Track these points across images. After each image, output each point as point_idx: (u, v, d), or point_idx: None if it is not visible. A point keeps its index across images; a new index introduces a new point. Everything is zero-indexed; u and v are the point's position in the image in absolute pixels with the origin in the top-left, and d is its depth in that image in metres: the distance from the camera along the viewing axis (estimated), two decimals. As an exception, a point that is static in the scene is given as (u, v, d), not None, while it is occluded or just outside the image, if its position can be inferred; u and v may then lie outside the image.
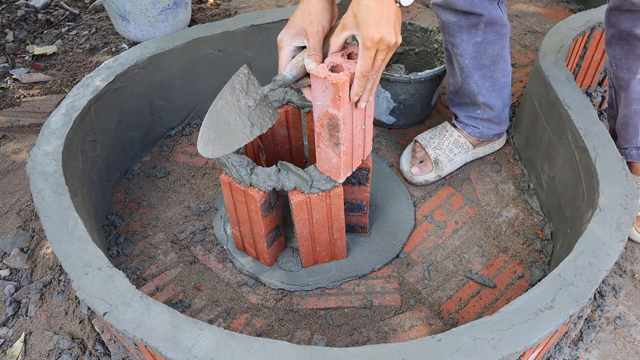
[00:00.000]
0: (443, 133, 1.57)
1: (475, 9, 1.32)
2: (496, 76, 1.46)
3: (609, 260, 1.03)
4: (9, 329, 1.26)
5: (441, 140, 1.55)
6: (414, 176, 1.54)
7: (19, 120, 1.80)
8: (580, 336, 1.23)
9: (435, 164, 1.53)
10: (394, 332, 1.24)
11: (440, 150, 1.54)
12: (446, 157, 1.54)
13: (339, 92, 0.96)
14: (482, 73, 1.45)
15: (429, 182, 1.55)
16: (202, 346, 0.90)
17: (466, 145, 1.56)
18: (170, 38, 1.58)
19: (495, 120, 1.54)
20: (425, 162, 1.55)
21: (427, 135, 1.58)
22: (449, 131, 1.57)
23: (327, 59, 0.99)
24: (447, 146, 1.55)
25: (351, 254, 1.37)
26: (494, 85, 1.47)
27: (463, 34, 1.38)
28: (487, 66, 1.44)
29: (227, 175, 1.18)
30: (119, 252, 1.39)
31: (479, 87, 1.47)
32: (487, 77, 1.45)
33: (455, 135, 1.56)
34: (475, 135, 1.55)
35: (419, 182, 1.54)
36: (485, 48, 1.40)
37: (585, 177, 1.24)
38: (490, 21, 1.36)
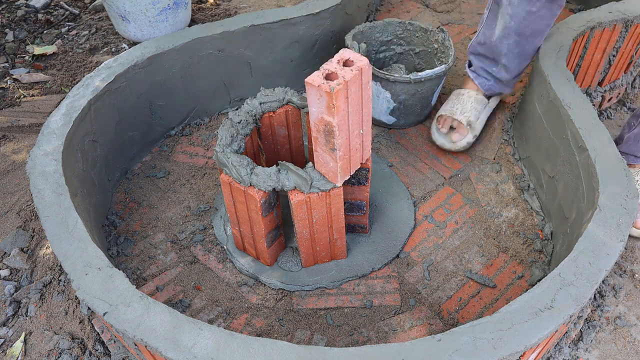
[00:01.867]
0: (461, 98, 1.64)
1: None
2: (528, 47, 1.52)
3: (609, 260, 1.03)
4: (9, 329, 1.26)
5: (463, 104, 1.63)
6: (458, 143, 1.61)
7: (19, 120, 1.80)
8: (580, 336, 1.23)
9: (469, 126, 1.60)
10: (394, 332, 1.24)
11: (468, 113, 1.61)
12: (475, 117, 1.62)
13: (333, 100, 0.96)
14: (519, 40, 1.50)
15: (470, 145, 1.62)
16: (202, 346, 0.90)
17: (484, 100, 1.65)
18: (170, 38, 1.58)
19: (504, 82, 1.62)
20: (458, 128, 1.61)
21: (447, 106, 1.65)
22: (466, 94, 1.64)
23: (323, 66, 1.00)
24: (472, 106, 1.62)
25: (351, 254, 1.37)
26: (522, 53, 1.53)
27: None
28: (526, 36, 1.49)
29: (227, 175, 1.18)
30: (119, 252, 1.39)
31: (509, 50, 1.53)
32: (520, 45, 1.51)
33: (473, 94, 1.64)
34: (484, 87, 1.64)
35: (462, 147, 1.62)
36: (534, 20, 1.45)
37: (585, 177, 1.24)
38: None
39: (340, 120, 1.02)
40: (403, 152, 1.66)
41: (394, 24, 1.73)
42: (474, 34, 2.13)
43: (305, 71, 1.84)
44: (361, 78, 1.03)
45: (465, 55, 2.03)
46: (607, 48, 1.68)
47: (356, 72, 1.00)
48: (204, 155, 1.66)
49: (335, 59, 1.02)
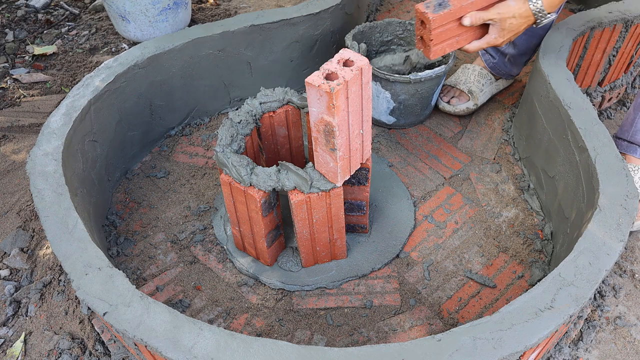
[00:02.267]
0: (465, 71, 1.72)
1: None
2: (538, 32, 1.57)
3: (609, 260, 1.03)
4: (9, 329, 1.27)
5: (467, 76, 1.70)
6: (456, 105, 1.67)
7: (19, 120, 1.80)
8: (580, 336, 1.23)
9: (470, 94, 1.66)
10: (394, 332, 1.24)
11: (470, 83, 1.68)
12: (477, 88, 1.67)
13: (333, 100, 0.97)
14: None
15: (470, 110, 1.70)
16: (202, 346, 0.90)
17: (489, 76, 1.70)
18: (170, 38, 1.58)
19: (511, 60, 1.66)
20: (460, 95, 1.67)
21: (452, 77, 1.73)
22: (471, 68, 1.71)
23: (323, 66, 1.00)
24: (475, 78, 1.68)
25: (351, 254, 1.37)
26: (530, 38, 1.58)
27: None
28: None
29: (227, 175, 1.18)
30: (119, 252, 1.39)
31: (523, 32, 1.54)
32: (532, 29, 1.51)
33: (478, 68, 1.69)
34: (490, 65, 1.68)
35: (462, 110, 1.69)
36: None
37: (585, 177, 1.24)
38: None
39: (341, 120, 1.02)
40: (403, 152, 1.66)
41: (394, 24, 1.73)
42: (474, 34, 2.13)
43: (305, 71, 1.84)
44: (361, 78, 1.03)
45: (465, 55, 2.03)
46: (607, 48, 1.68)
47: (356, 72, 1.00)
48: (204, 155, 1.66)
49: (335, 59, 1.02)
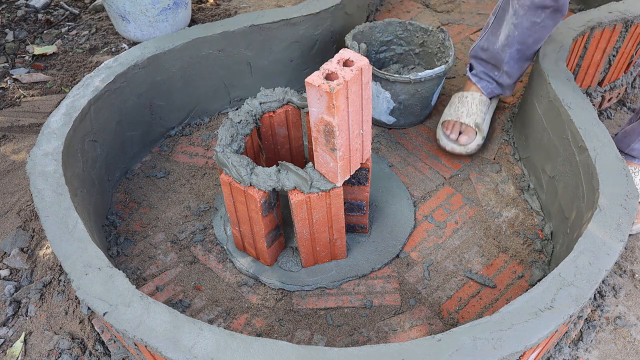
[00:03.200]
0: (464, 101, 1.63)
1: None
2: (528, 53, 1.53)
3: (609, 260, 1.03)
4: (9, 329, 1.27)
5: (469, 107, 1.61)
6: (468, 146, 1.59)
7: (19, 120, 1.80)
8: (580, 336, 1.23)
9: (478, 128, 1.59)
10: (394, 332, 1.24)
11: (475, 115, 1.60)
12: (482, 119, 1.61)
13: (333, 100, 0.97)
14: (521, 48, 1.51)
15: (480, 147, 1.61)
16: (202, 346, 0.90)
17: (487, 101, 1.65)
18: (170, 38, 1.58)
19: (505, 85, 1.63)
20: (466, 131, 1.60)
21: (451, 110, 1.64)
22: (469, 97, 1.63)
23: (323, 66, 1.00)
24: (477, 108, 1.61)
25: (351, 254, 1.37)
26: (522, 58, 1.54)
27: (531, 10, 1.42)
28: (528, 44, 1.50)
29: (227, 175, 1.18)
30: (119, 252, 1.39)
31: (511, 58, 1.54)
32: (522, 53, 1.52)
33: (477, 96, 1.63)
34: (487, 90, 1.63)
35: (473, 150, 1.60)
36: (538, 30, 1.45)
37: (585, 177, 1.24)
38: (558, 9, 1.41)
39: (341, 120, 1.02)
40: (403, 152, 1.66)
41: (394, 24, 1.73)
42: (474, 34, 2.13)
43: (305, 71, 1.84)
44: (361, 78, 1.03)
45: (465, 55, 2.03)
46: (607, 48, 1.68)
47: (356, 72, 1.00)
48: (204, 155, 1.66)
49: (335, 59, 1.02)
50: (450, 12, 2.25)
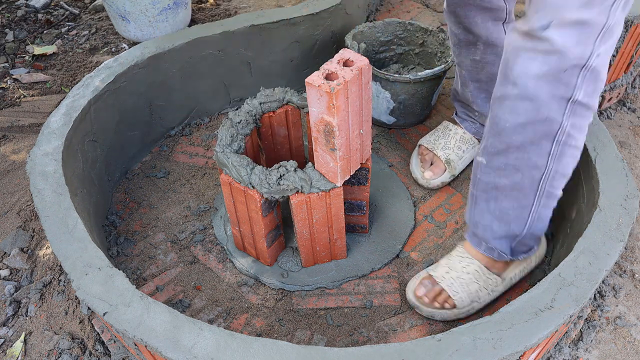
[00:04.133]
0: (447, 133, 1.55)
1: (475, 29, 1.30)
2: (492, 90, 1.42)
3: (609, 260, 1.03)
4: (9, 329, 1.26)
5: (447, 140, 1.53)
6: (430, 181, 1.51)
7: (19, 120, 1.80)
8: (580, 336, 1.23)
9: (448, 164, 1.50)
10: (394, 332, 1.24)
11: (450, 150, 1.52)
12: (456, 156, 1.52)
13: (333, 100, 0.97)
14: (479, 85, 1.43)
15: (445, 184, 1.52)
16: (202, 346, 0.90)
17: (472, 140, 1.54)
18: (170, 38, 1.58)
19: None
20: (436, 164, 1.52)
21: (431, 137, 1.56)
22: (453, 130, 1.55)
23: (323, 66, 1.00)
24: (455, 144, 1.52)
25: (351, 254, 1.37)
26: (489, 97, 1.43)
27: (462, 48, 1.37)
28: (483, 81, 1.41)
29: (227, 175, 1.18)
30: (119, 252, 1.39)
31: (474, 97, 1.45)
32: (482, 90, 1.43)
33: (460, 132, 1.54)
34: (471, 131, 1.54)
35: (436, 186, 1.52)
36: (483, 66, 1.37)
37: (585, 177, 1.24)
38: (490, 43, 1.32)
39: (341, 120, 1.02)
40: (403, 152, 1.66)
41: (394, 24, 1.73)
42: (474, 34, 2.13)
43: (305, 71, 1.84)
44: (361, 78, 1.03)
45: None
46: (607, 48, 1.68)
47: (356, 72, 1.00)
48: (204, 155, 1.66)
49: (335, 59, 1.03)
50: (450, 12, 2.25)
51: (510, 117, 1.00)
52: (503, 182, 1.09)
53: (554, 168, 1.04)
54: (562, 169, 1.05)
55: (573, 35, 0.89)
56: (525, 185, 1.07)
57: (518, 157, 1.04)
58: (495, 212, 1.14)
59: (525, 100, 0.97)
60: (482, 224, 1.18)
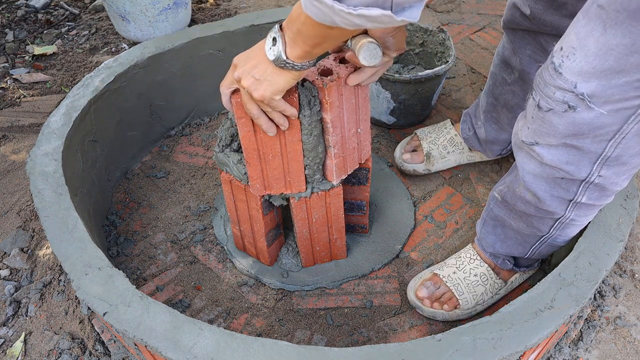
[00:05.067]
0: (442, 129, 1.57)
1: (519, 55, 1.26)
2: (502, 117, 1.41)
3: (609, 260, 1.03)
4: (9, 329, 1.26)
5: (438, 135, 1.55)
6: (404, 163, 1.54)
7: (19, 120, 1.80)
8: (580, 336, 1.23)
9: (427, 157, 1.52)
10: (394, 332, 1.24)
11: (435, 145, 1.54)
12: (439, 153, 1.53)
13: (326, 95, 0.97)
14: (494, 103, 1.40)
15: (417, 173, 1.54)
16: (202, 346, 0.90)
17: (461, 145, 1.54)
18: (170, 38, 1.58)
19: (482, 143, 1.50)
20: (418, 153, 1.54)
21: (427, 129, 1.59)
22: (447, 128, 1.56)
23: (319, 62, 1.00)
24: (442, 143, 1.54)
25: (351, 254, 1.37)
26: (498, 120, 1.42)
27: (501, 64, 1.34)
28: (499, 104, 1.39)
29: (228, 174, 1.18)
30: (119, 252, 1.39)
31: (485, 110, 1.43)
32: (494, 108, 1.41)
33: (452, 133, 1.54)
34: (463, 135, 1.54)
35: (407, 170, 1.54)
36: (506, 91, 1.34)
37: (585, 177, 1.23)
38: (522, 78, 1.29)
39: (334, 117, 1.02)
40: (403, 152, 1.66)
41: (394, 24, 1.73)
42: (474, 34, 2.13)
43: (305, 71, 1.84)
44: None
45: (465, 55, 2.03)
46: (607, 48, 1.68)
47: (351, 70, 1.00)
48: (204, 155, 1.66)
49: (332, 55, 1.03)
50: (450, 12, 2.25)
51: (519, 198, 1.05)
52: (510, 223, 1.13)
53: (556, 234, 1.09)
54: (565, 234, 1.10)
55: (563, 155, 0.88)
56: (529, 236, 1.13)
57: (524, 219, 1.09)
58: (500, 236, 1.19)
59: (529, 191, 1.00)
60: (487, 241, 1.21)
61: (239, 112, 0.99)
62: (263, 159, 1.06)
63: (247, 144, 1.04)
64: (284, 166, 1.08)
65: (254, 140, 1.03)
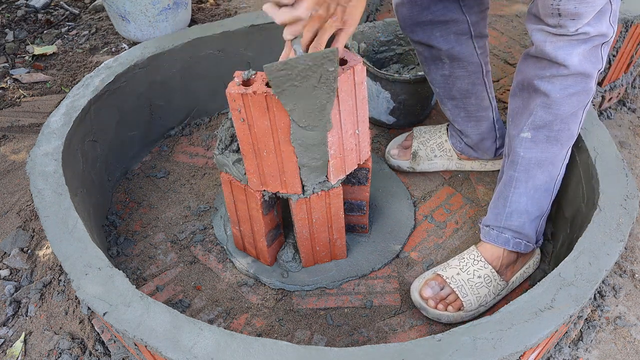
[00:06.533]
0: (435, 132, 1.56)
1: (436, 43, 1.30)
2: (470, 109, 1.41)
3: (609, 260, 1.03)
4: (9, 329, 1.26)
5: (430, 137, 1.55)
6: (390, 157, 1.57)
7: (19, 120, 1.80)
8: (580, 336, 1.23)
9: (413, 156, 1.53)
10: (394, 332, 1.24)
11: (424, 147, 1.54)
12: (426, 155, 1.54)
13: None
14: (455, 103, 1.42)
15: (401, 169, 1.57)
16: (202, 346, 0.90)
17: (450, 152, 1.54)
18: (170, 38, 1.58)
19: (474, 148, 1.49)
20: (407, 150, 1.56)
21: (424, 129, 1.59)
22: (441, 132, 1.55)
23: None
24: (431, 145, 1.54)
25: (351, 254, 1.37)
26: (469, 116, 1.43)
27: (430, 64, 1.37)
28: (458, 98, 1.40)
29: (228, 174, 1.18)
30: (119, 252, 1.39)
31: (454, 115, 1.44)
32: (460, 108, 1.42)
33: (443, 139, 1.53)
34: (457, 148, 1.52)
35: (392, 165, 1.57)
36: (454, 82, 1.37)
37: (585, 177, 1.24)
38: (454, 57, 1.32)
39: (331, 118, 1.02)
40: (403, 152, 1.66)
41: (394, 24, 1.73)
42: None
43: (305, 71, 1.84)
44: (354, 78, 1.03)
45: (465, 55, 2.02)
46: (607, 48, 1.68)
47: (347, 72, 1.00)
48: (204, 155, 1.66)
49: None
50: (450, 12, 2.24)
51: (561, 91, 1.12)
52: (544, 156, 1.19)
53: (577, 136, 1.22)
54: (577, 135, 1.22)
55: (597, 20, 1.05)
56: (559, 156, 1.20)
57: (561, 128, 1.16)
58: (530, 191, 1.23)
59: (578, 75, 1.10)
60: (519, 209, 1.24)
61: (234, 105, 1.04)
62: (258, 154, 1.08)
63: (242, 136, 1.07)
64: (279, 165, 1.09)
65: (249, 134, 1.06)
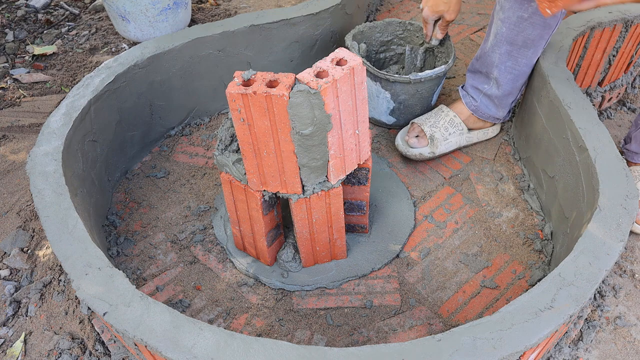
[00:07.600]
0: (439, 113, 1.61)
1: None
2: (520, 60, 1.47)
3: (609, 260, 1.03)
4: (9, 329, 1.26)
5: (437, 119, 1.60)
6: (409, 148, 1.57)
7: (19, 120, 1.80)
8: (580, 336, 1.23)
9: (431, 140, 1.56)
10: (394, 332, 1.24)
11: (436, 128, 1.58)
12: (441, 135, 1.58)
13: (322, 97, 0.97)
14: (511, 49, 1.45)
15: (423, 157, 1.57)
16: (202, 346, 0.90)
17: (461, 125, 1.60)
18: (170, 38, 1.58)
19: (496, 102, 1.56)
20: (421, 137, 1.58)
21: (424, 117, 1.63)
22: (445, 111, 1.61)
23: (316, 64, 1.00)
24: (443, 125, 1.59)
25: (351, 254, 1.37)
26: (514, 67, 1.49)
27: (516, 2, 1.38)
28: (518, 45, 1.44)
29: (228, 174, 1.18)
30: (119, 252, 1.39)
31: (500, 62, 1.48)
32: (513, 56, 1.47)
33: (451, 115, 1.60)
34: (471, 107, 1.59)
35: (414, 155, 1.57)
36: (526, 27, 1.40)
37: (585, 177, 1.24)
38: None
39: (331, 118, 1.02)
40: (403, 152, 1.66)
41: (394, 24, 1.73)
42: (474, 34, 2.13)
43: (305, 71, 1.84)
44: (353, 78, 1.03)
45: (465, 55, 2.03)
46: (607, 48, 1.68)
47: (347, 72, 1.00)
48: (204, 155, 1.66)
49: (329, 57, 1.03)
50: (450, 12, 2.24)
51: None
52: None
53: None
54: None
55: None
56: None
57: None
58: None
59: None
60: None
61: (233, 105, 1.02)
62: (258, 154, 1.08)
63: (242, 136, 1.07)
64: (279, 165, 1.09)
65: (248, 134, 1.05)
